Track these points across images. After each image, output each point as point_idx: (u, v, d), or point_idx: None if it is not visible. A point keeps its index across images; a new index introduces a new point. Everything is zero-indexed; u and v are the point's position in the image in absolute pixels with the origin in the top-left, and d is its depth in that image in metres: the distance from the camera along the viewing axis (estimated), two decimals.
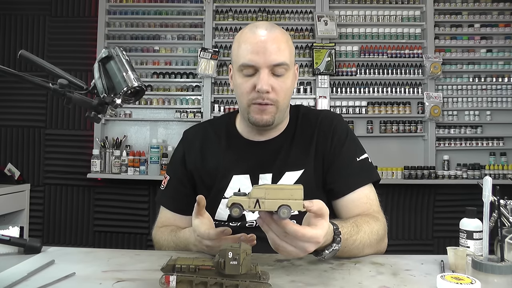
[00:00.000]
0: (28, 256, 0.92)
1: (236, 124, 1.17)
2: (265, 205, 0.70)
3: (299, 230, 0.70)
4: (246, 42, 1.01)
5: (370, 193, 1.06)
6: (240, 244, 0.68)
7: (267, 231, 0.74)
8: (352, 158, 1.09)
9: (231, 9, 3.27)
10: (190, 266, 0.67)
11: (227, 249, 0.65)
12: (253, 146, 1.11)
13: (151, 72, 3.26)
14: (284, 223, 0.70)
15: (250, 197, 0.70)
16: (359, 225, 0.91)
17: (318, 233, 0.72)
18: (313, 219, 0.74)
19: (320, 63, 3.16)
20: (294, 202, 0.69)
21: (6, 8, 3.29)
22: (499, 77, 3.23)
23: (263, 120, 1.03)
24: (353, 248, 0.88)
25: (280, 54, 0.99)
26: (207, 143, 1.16)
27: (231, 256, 0.65)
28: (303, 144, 1.11)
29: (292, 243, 0.72)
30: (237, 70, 1.04)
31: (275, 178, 1.08)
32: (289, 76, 1.04)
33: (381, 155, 3.07)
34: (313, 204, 0.72)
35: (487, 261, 0.68)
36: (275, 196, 0.70)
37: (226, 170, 1.10)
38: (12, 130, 3.26)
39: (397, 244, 3.09)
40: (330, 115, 1.16)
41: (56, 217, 3.23)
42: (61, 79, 0.79)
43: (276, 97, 1.01)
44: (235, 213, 0.71)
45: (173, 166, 1.20)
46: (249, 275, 0.67)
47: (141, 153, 3.11)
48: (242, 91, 1.03)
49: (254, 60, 0.99)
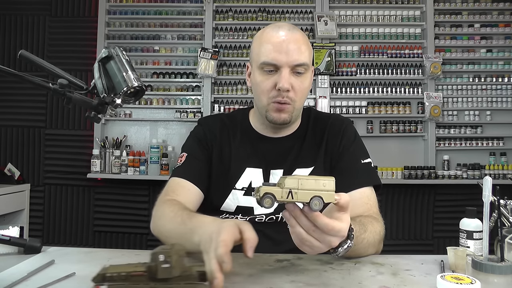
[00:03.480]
0: (28, 256, 0.92)
1: (250, 120, 1.20)
2: (298, 195, 0.67)
3: (329, 223, 0.69)
4: (269, 41, 1.04)
5: (371, 195, 1.08)
6: (173, 245, 0.64)
7: (294, 226, 0.71)
8: (357, 159, 1.12)
9: (231, 9, 3.27)
10: (121, 274, 0.63)
11: (158, 252, 0.62)
12: (266, 142, 1.15)
13: (151, 72, 3.26)
14: (315, 216, 0.69)
15: (283, 187, 0.67)
16: (365, 224, 0.91)
17: (344, 226, 0.71)
18: (336, 213, 0.72)
19: (320, 63, 3.16)
20: (326, 194, 0.67)
21: (6, 8, 3.29)
22: (499, 77, 3.23)
23: (281, 118, 1.07)
24: (360, 247, 0.88)
25: (301, 54, 1.03)
26: (223, 133, 1.18)
27: (163, 259, 0.61)
28: (314, 144, 1.14)
29: (320, 238, 0.71)
30: (257, 68, 1.06)
31: (285, 174, 1.10)
32: (308, 76, 1.07)
33: (381, 155, 3.07)
34: (341, 197, 0.71)
35: (487, 261, 0.68)
36: (308, 186, 0.67)
37: (239, 161, 1.12)
38: (12, 130, 3.26)
39: (397, 244, 3.08)
40: (340, 119, 1.20)
41: (56, 217, 3.23)
42: (61, 79, 0.79)
43: (295, 97, 1.05)
44: (267, 203, 0.68)
45: (192, 143, 1.17)
46: (184, 277, 0.63)
47: (141, 153, 3.11)
48: (262, 89, 1.06)
49: (277, 59, 1.02)
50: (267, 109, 1.07)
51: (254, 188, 1.08)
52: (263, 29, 1.11)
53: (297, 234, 0.72)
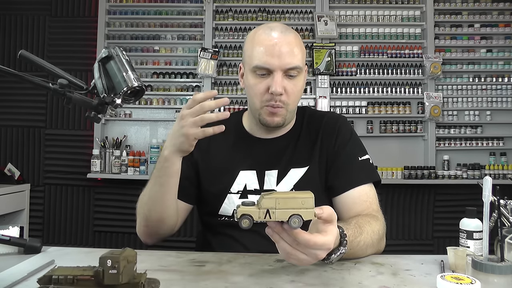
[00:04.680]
0: (28, 256, 0.92)
1: (243, 122, 1.19)
2: (276, 215, 0.68)
3: (310, 239, 0.70)
4: (261, 44, 1.02)
5: (370, 192, 1.07)
6: (122, 250, 0.63)
7: (278, 241, 0.73)
8: (354, 157, 1.11)
9: (231, 9, 3.27)
10: (68, 277, 0.61)
11: (106, 256, 0.60)
12: (260, 143, 1.14)
13: (151, 72, 3.26)
14: (295, 233, 0.69)
15: (260, 208, 0.68)
16: (362, 226, 0.91)
17: (329, 239, 0.72)
18: (322, 225, 0.73)
19: (320, 63, 3.16)
20: (305, 211, 0.68)
21: (6, 8, 3.29)
22: (499, 77, 3.23)
23: (274, 122, 1.06)
24: (357, 250, 0.89)
25: (294, 57, 1.02)
26: (214, 137, 1.15)
27: (110, 265, 0.60)
28: (309, 143, 1.13)
29: (304, 251, 0.71)
30: (250, 71, 1.05)
31: (280, 174, 1.09)
32: (301, 78, 1.06)
33: (381, 155, 3.06)
34: (323, 210, 0.72)
35: (487, 261, 0.67)
36: (286, 205, 0.68)
37: (233, 165, 1.11)
38: (12, 130, 3.26)
39: (397, 244, 3.08)
40: (335, 116, 1.19)
41: (56, 217, 3.23)
42: (61, 79, 0.79)
43: (287, 100, 1.04)
44: (245, 224, 0.69)
45: None
46: (131, 285, 0.62)
47: (141, 153, 3.11)
48: (255, 92, 1.05)
49: (269, 63, 1.01)
50: (260, 113, 1.07)
51: (249, 191, 1.09)
52: (255, 29, 1.09)
53: (282, 249, 0.73)
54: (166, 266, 0.86)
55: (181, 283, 0.75)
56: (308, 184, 1.07)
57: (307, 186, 1.03)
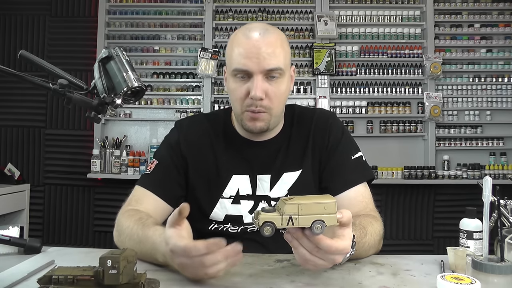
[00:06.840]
0: (28, 256, 0.92)
1: (232, 122, 1.13)
2: (299, 221, 0.66)
3: (332, 245, 0.68)
4: (239, 45, 0.98)
5: (365, 192, 1.06)
6: (122, 250, 0.63)
7: (297, 247, 0.70)
8: (347, 156, 1.08)
9: (231, 9, 3.27)
10: (68, 277, 0.61)
11: (106, 256, 0.60)
12: (252, 146, 1.09)
13: (151, 72, 3.26)
14: (317, 239, 0.67)
15: (283, 214, 0.66)
16: (365, 227, 0.91)
17: (347, 243, 0.71)
18: (339, 229, 0.71)
19: (320, 63, 3.16)
20: (328, 217, 0.66)
21: (6, 8, 3.29)
22: (499, 77, 3.24)
23: (257, 127, 1.01)
24: (362, 251, 0.88)
25: (274, 59, 0.96)
26: (203, 138, 1.11)
27: (110, 265, 0.59)
28: (300, 144, 1.10)
29: (323, 257, 0.70)
30: (230, 75, 1.01)
31: (273, 179, 1.07)
32: (284, 80, 1.01)
33: (381, 155, 3.07)
34: (343, 214, 0.70)
35: (487, 261, 0.67)
36: (309, 211, 0.66)
37: (225, 169, 1.07)
38: (12, 130, 3.26)
39: (397, 244, 3.08)
40: (325, 114, 1.15)
41: (56, 217, 3.23)
42: (61, 79, 0.79)
43: (270, 104, 0.99)
44: (267, 232, 0.67)
45: (164, 150, 1.11)
46: (131, 285, 0.62)
47: (141, 153, 3.11)
48: (236, 97, 1.00)
49: (248, 65, 0.96)
50: (242, 118, 1.02)
51: (242, 196, 1.06)
52: (236, 31, 1.05)
53: (300, 255, 0.71)
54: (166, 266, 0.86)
55: (181, 283, 0.75)
56: (303, 189, 1.05)
57: (301, 191, 1.02)
